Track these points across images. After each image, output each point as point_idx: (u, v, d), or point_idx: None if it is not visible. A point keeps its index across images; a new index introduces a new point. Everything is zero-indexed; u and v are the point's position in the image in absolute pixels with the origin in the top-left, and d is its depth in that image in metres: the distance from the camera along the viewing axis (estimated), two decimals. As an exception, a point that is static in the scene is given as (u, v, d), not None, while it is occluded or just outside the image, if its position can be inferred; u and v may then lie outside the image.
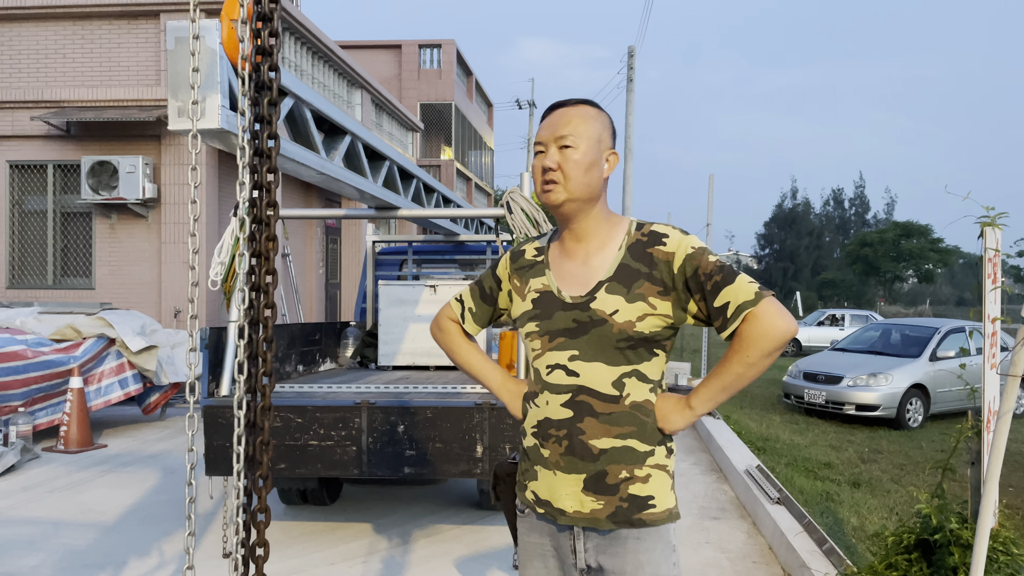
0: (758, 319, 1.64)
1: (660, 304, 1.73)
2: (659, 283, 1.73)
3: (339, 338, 6.32)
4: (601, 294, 1.75)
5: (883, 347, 11.32)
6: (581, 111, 1.80)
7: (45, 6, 10.78)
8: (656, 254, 1.74)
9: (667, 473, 1.79)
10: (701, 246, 1.74)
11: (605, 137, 1.82)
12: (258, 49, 1.53)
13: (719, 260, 1.71)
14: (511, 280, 1.94)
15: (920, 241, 42.99)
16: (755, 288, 1.67)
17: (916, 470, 7.08)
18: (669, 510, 1.77)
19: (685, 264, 1.71)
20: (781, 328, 1.64)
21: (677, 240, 1.75)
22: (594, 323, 1.74)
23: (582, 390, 1.75)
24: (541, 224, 4.39)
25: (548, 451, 1.78)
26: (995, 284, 3.22)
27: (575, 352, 1.76)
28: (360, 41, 26.12)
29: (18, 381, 6.90)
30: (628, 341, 1.73)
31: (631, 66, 22.68)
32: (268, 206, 1.54)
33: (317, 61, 14.19)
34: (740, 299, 1.66)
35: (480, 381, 2.04)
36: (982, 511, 2.93)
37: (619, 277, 1.75)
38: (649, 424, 1.76)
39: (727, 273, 1.68)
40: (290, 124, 3.97)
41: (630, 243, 1.78)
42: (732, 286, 1.67)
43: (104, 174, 10.39)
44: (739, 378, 1.70)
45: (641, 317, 1.72)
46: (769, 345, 1.65)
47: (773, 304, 1.66)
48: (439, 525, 5.12)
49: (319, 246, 14.73)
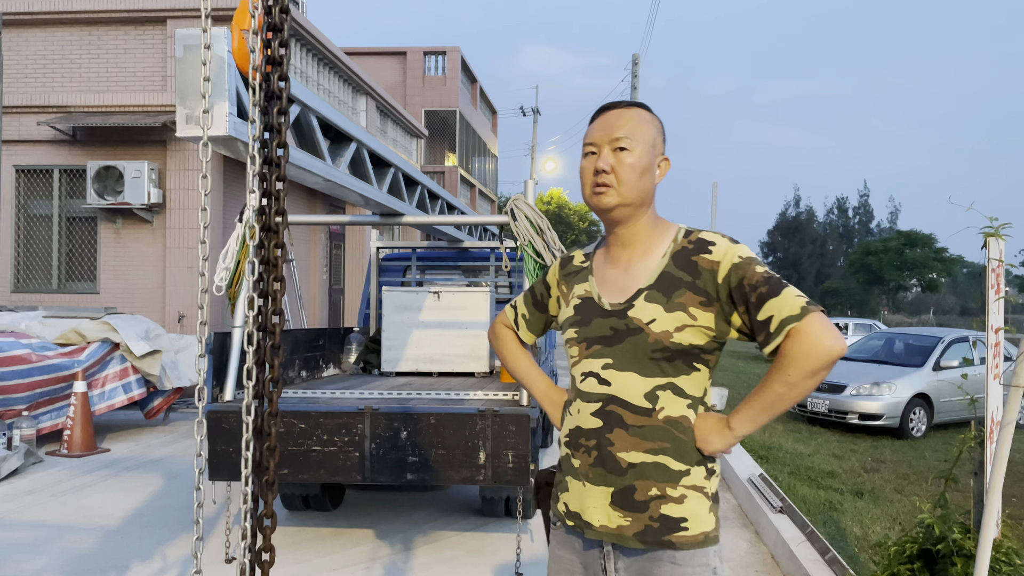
0: (802, 336, 1.53)
1: (701, 315, 1.64)
2: (702, 293, 1.64)
3: (342, 344, 6.33)
4: (639, 302, 1.68)
5: (886, 356, 11.30)
6: (636, 113, 1.74)
7: (53, 12, 10.84)
8: (701, 262, 1.66)
9: (705, 495, 1.68)
10: (749, 256, 1.64)
11: (659, 142, 1.76)
12: (268, 59, 1.55)
13: (767, 271, 1.61)
14: (559, 286, 1.90)
15: (924, 250, 42.93)
16: (802, 302, 1.56)
17: (919, 480, 7.07)
18: (706, 533, 1.66)
19: (730, 274, 1.62)
20: (826, 346, 1.52)
21: (724, 248, 1.65)
22: (630, 331, 1.67)
23: (612, 400, 1.68)
24: (545, 231, 4.41)
25: (578, 461, 1.73)
26: (998, 294, 3.22)
27: (609, 360, 1.70)
28: (365, 48, 26.25)
29: (22, 385, 6.92)
30: (664, 352, 1.65)
31: (635, 74, 22.73)
32: (277, 214, 1.56)
33: (322, 68, 14.25)
34: (784, 313, 1.55)
35: (526, 388, 2.03)
36: (985, 521, 2.93)
37: (660, 285, 1.68)
38: (686, 442, 1.67)
39: (773, 285, 1.58)
40: (296, 131, 3.99)
41: (675, 250, 1.70)
42: (777, 299, 1.57)
43: (110, 179, 10.44)
44: (780, 398, 1.58)
45: (680, 328, 1.64)
46: (812, 364, 1.53)
47: (820, 320, 1.53)
48: (441, 531, 5.12)
49: (323, 251, 14.76)
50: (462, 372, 5.77)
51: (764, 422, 1.63)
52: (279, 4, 1.53)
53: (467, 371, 5.76)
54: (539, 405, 2.03)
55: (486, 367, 5.76)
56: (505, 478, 3.93)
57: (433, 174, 25.43)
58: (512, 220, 4.41)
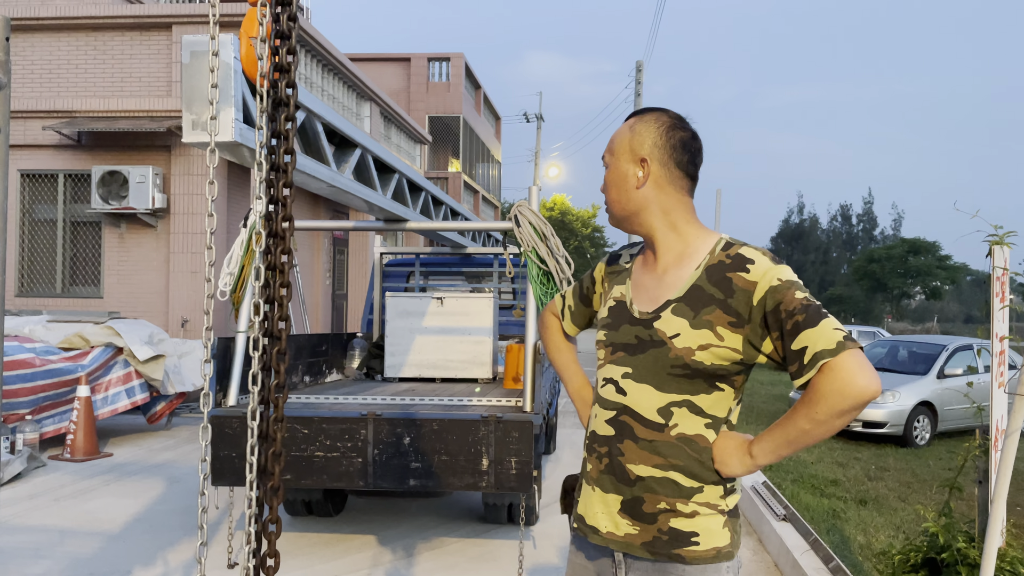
0: (834, 373, 1.44)
1: (729, 336, 1.57)
2: (733, 313, 1.56)
3: (345, 349, 6.34)
4: (666, 314, 1.62)
5: (890, 364, 11.28)
6: (625, 125, 1.73)
7: (59, 17, 10.90)
8: (736, 280, 1.56)
9: (719, 512, 1.62)
10: (790, 279, 1.54)
11: (637, 145, 1.68)
12: (276, 66, 1.56)
13: (807, 298, 1.51)
14: (603, 283, 1.88)
15: (928, 258, 42.90)
16: (839, 336, 1.46)
17: (923, 488, 7.04)
18: (718, 549, 1.61)
19: (767, 297, 1.53)
20: (859, 387, 1.42)
21: (763, 269, 1.55)
22: (653, 343, 1.62)
23: (626, 410, 1.65)
24: (549, 238, 4.41)
25: (591, 466, 1.72)
26: (1003, 303, 3.22)
27: (629, 369, 1.66)
28: (370, 54, 26.31)
29: (26, 389, 6.93)
30: (684, 369, 1.59)
31: (639, 80, 22.78)
32: (283, 220, 1.57)
33: (327, 73, 14.29)
34: (820, 346, 1.46)
35: (562, 380, 2.02)
36: (989, 530, 2.92)
37: (689, 299, 1.61)
38: (702, 461, 1.61)
39: (812, 314, 1.48)
40: (302, 137, 4.00)
41: (710, 263, 1.62)
42: (814, 329, 1.47)
43: (114, 184, 10.47)
44: (805, 434, 1.50)
45: (704, 346, 1.57)
46: (841, 404, 1.44)
47: (856, 358, 1.44)
48: (443, 538, 5.11)
49: (326, 257, 14.78)
50: (465, 378, 5.77)
51: (786, 455, 1.57)
52: (287, 12, 1.54)
53: (470, 377, 5.76)
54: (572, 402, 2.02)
55: (489, 373, 5.76)
56: (508, 485, 3.93)
57: (437, 180, 25.47)
58: (516, 226, 4.41)
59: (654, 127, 1.69)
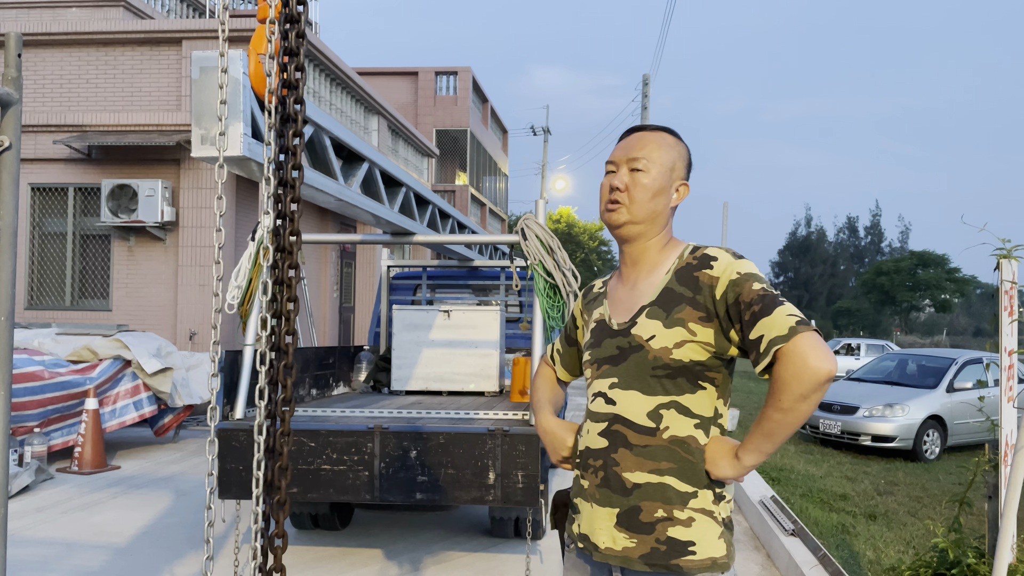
0: (788, 358, 1.49)
1: (701, 331, 1.63)
2: (702, 308, 1.63)
3: (352, 362, 6.34)
4: (642, 319, 1.68)
5: (899, 377, 11.22)
6: (658, 137, 1.77)
7: (70, 32, 11.01)
8: (701, 277, 1.65)
9: (714, 519, 1.64)
10: (749, 272, 1.61)
11: (679, 167, 1.77)
12: (284, 83, 1.58)
13: (764, 288, 1.58)
14: (582, 315, 1.93)
15: (937, 271, 42.73)
16: (792, 322, 1.51)
17: (933, 503, 6.99)
18: (713, 559, 1.62)
19: (728, 290, 1.60)
20: (812, 368, 1.46)
21: (724, 264, 1.64)
22: (632, 349, 1.68)
23: (617, 419, 1.68)
24: (555, 251, 4.41)
25: (587, 482, 1.73)
26: (1012, 316, 3.21)
27: (615, 379, 1.70)
28: (378, 68, 26.48)
29: (35, 402, 6.95)
30: (665, 369, 1.64)
31: (646, 94, 22.84)
32: (291, 235, 1.58)
33: (335, 87, 14.38)
34: (773, 333, 1.51)
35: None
36: (1000, 546, 2.89)
37: (661, 301, 1.68)
38: (694, 463, 1.64)
39: (767, 303, 1.55)
40: (310, 151, 4.03)
41: (679, 267, 1.70)
42: (768, 318, 1.53)
43: (124, 197, 10.54)
44: (779, 425, 1.54)
45: (679, 344, 1.63)
46: (800, 388, 1.48)
47: (808, 340, 1.48)
48: (450, 552, 5.10)
49: (333, 270, 14.82)
50: (472, 391, 5.76)
51: (770, 450, 1.59)
52: (295, 29, 1.56)
53: (477, 390, 5.75)
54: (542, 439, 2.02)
55: (496, 386, 5.76)
56: (515, 498, 3.91)
57: (444, 193, 25.55)
58: (523, 239, 4.42)
59: (686, 153, 1.81)
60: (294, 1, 1.56)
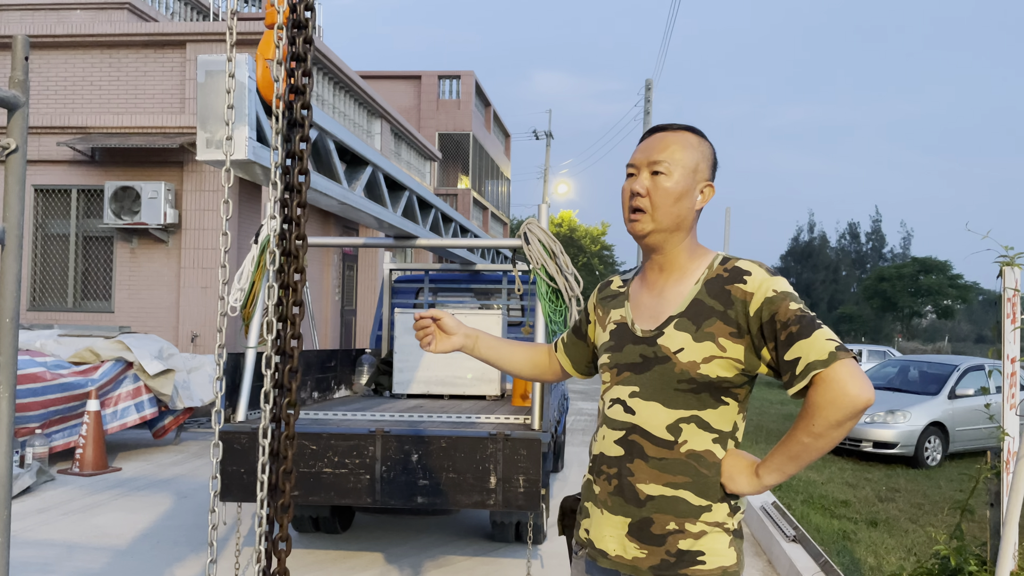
0: (826, 384, 1.47)
1: (731, 347, 1.59)
2: (733, 324, 1.59)
3: (354, 365, 6.35)
4: (669, 330, 1.64)
5: (901, 384, 11.20)
6: (680, 137, 1.70)
7: (74, 35, 11.04)
8: (734, 292, 1.60)
9: (726, 531, 1.63)
10: (785, 290, 1.57)
11: (703, 167, 1.70)
12: (291, 88, 1.58)
13: (801, 308, 1.55)
14: (596, 311, 1.89)
15: (939, 277, 42.66)
16: (831, 347, 1.49)
17: (934, 510, 6.98)
18: (724, 568, 1.61)
19: (763, 308, 1.56)
20: (851, 396, 1.45)
21: (759, 280, 1.59)
22: (658, 360, 1.64)
23: (635, 429, 1.65)
24: (558, 255, 4.42)
25: (599, 488, 1.71)
26: (1014, 323, 3.21)
27: (636, 388, 1.67)
28: (381, 71, 26.52)
29: (36, 403, 6.96)
30: (690, 383, 1.60)
31: (648, 99, 22.86)
32: (297, 239, 1.58)
33: (338, 91, 14.41)
34: (812, 357, 1.49)
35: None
36: (1001, 553, 2.89)
37: (690, 313, 1.63)
38: (709, 478, 1.62)
39: (805, 325, 1.52)
40: (314, 155, 4.04)
41: (709, 277, 1.65)
42: (807, 340, 1.50)
43: (127, 199, 10.56)
44: (806, 449, 1.52)
45: (707, 359, 1.59)
46: (836, 415, 1.47)
47: (848, 367, 1.46)
48: (451, 556, 5.09)
49: (335, 272, 14.83)
50: (473, 395, 5.77)
51: (792, 472, 1.57)
52: (303, 35, 1.57)
53: (478, 394, 5.75)
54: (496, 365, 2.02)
55: (497, 390, 5.76)
56: (516, 503, 3.91)
57: (446, 197, 25.56)
58: (525, 244, 4.42)
59: (710, 153, 1.73)
60: (302, 7, 1.57)
